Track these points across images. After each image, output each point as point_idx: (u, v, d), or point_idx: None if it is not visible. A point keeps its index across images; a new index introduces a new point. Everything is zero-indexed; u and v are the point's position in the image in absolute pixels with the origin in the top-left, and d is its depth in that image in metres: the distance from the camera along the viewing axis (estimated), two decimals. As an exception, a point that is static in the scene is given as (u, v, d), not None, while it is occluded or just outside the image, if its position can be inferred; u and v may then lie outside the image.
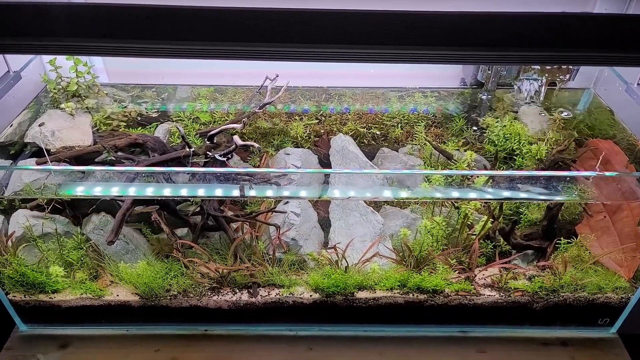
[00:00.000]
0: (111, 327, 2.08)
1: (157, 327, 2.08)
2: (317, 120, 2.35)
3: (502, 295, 1.96)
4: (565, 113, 2.28)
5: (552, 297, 1.90)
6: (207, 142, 1.95)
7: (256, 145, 1.74)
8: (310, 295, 1.94)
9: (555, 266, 1.94)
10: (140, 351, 2.02)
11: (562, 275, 1.92)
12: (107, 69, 2.56)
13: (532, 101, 2.34)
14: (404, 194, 1.80)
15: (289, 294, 1.97)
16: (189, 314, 2.02)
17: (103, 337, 2.07)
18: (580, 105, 2.40)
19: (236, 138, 1.77)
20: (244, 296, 1.99)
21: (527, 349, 2.03)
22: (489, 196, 1.89)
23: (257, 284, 1.98)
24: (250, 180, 1.84)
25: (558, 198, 1.85)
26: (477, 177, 1.87)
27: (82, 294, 1.97)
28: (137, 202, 1.88)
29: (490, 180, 1.86)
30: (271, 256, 1.97)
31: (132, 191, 1.76)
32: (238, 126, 1.85)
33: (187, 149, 1.91)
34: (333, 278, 1.93)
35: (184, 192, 1.77)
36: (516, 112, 2.36)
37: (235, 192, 1.81)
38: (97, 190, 1.85)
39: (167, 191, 1.79)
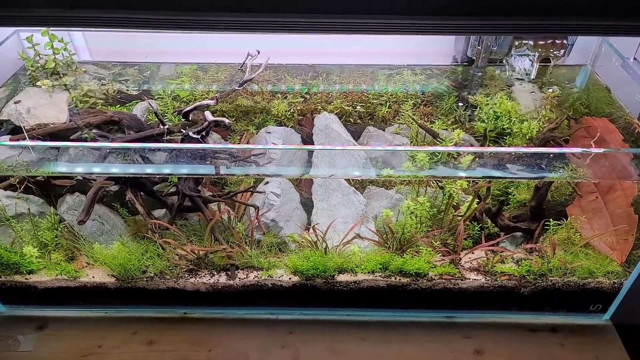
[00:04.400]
0: (89, 309, 2.05)
1: (136, 310, 2.04)
2: (303, 99, 2.27)
3: (488, 280, 1.89)
4: (551, 89, 2.18)
5: (540, 281, 1.82)
6: (183, 120, 1.89)
7: (227, 121, 1.67)
8: (290, 278, 1.88)
9: (543, 249, 1.86)
10: (118, 333, 1.98)
11: (550, 259, 1.85)
12: (89, 47, 2.50)
13: (524, 78, 2.24)
14: (385, 172, 1.73)
15: (268, 276, 1.92)
16: (167, 296, 1.97)
17: (81, 319, 2.04)
18: (577, 83, 2.30)
19: (207, 114, 1.71)
20: (222, 279, 1.94)
21: (515, 334, 1.97)
22: (474, 175, 1.81)
23: (235, 266, 1.93)
24: (227, 159, 1.78)
25: (545, 176, 1.76)
26: (464, 156, 1.79)
27: (57, 275, 1.93)
28: (111, 181, 1.83)
29: (477, 159, 1.78)
30: (250, 238, 1.91)
31: (104, 170, 1.71)
32: (211, 102, 1.78)
33: (162, 127, 1.85)
34: (312, 260, 1.87)
35: (156, 170, 1.72)
36: (509, 90, 2.26)
37: (211, 171, 1.75)
38: (69, 169, 1.80)
39: (139, 169, 1.73)
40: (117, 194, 1.94)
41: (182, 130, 1.84)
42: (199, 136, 1.80)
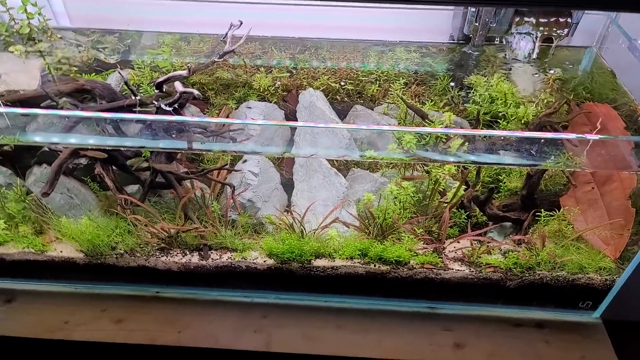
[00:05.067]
0: (58, 284, 1.99)
1: (106, 287, 1.98)
2: (289, 74, 2.16)
3: (472, 271, 1.79)
4: (552, 71, 2.05)
5: (527, 275, 1.72)
6: (156, 91, 1.78)
7: (196, 92, 1.57)
8: (264, 261, 1.79)
9: (532, 241, 1.75)
10: (86, 310, 1.92)
11: (539, 251, 1.74)
12: (68, 12, 2.39)
13: (524, 59, 2.10)
14: (368, 153, 1.62)
15: (242, 258, 1.83)
16: (138, 274, 1.90)
17: (50, 293, 1.98)
18: (582, 66, 2.16)
19: (177, 84, 1.60)
20: (195, 259, 1.86)
21: (498, 329, 1.88)
22: (463, 160, 1.70)
23: (208, 246, 1.84)
24: (201, 133, 1.68)
25: (538, 164, 1.65)
26: (453, 140, 1.67)
27: (24, 248, 1.86)
28: (78, 153, 1.74)
29: (467, 144, 1.66)
30: (225, 218, 1.83)
31: (63, 140, 1.62)
32: (184, 73, 1.67)
33: (133, 98, 1.75)
34: (287, 244, 1.78)
35: (119, 142, 1.62)
36: (508, 71, 2.13)
37: (182, 145, 1.66)
38: (33, 138, 1.71)
39: (100, 141, 1.64)
40: (89, 167, 1.86)
41: (154, 102, 1.73)
42: (170, 108, 1.70)
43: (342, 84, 2.09)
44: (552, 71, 2.04)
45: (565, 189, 1.84)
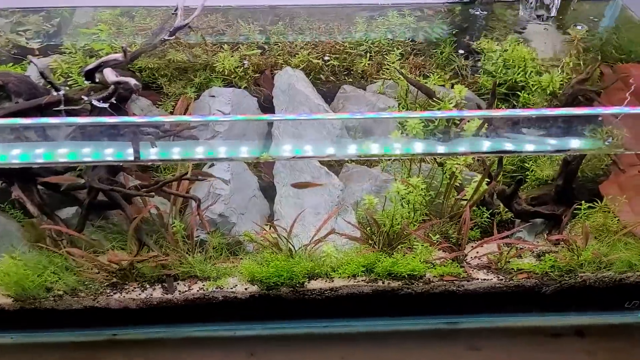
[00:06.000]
0: (-12, 335, 1.58)
1: (50, 335, 1.58)
2: (260, 51, 1.76)
3: (501, 279, 1.47)
4: (579, 26, 1.71)
5: (567, 279, 1.41)
6: (87, 82, 1.36)
7: (133, 81, 1.16)
8: (246, 289, 1.44)
9: (572, 239, 1.44)
10: (26, 365, 1.53)
11: (581, 251, 1.43)
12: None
13: (541, 17, 1.75)
14: (365, 149, 1.26)
15: (217, 287, 1.46)
16: (86, 317, 1.51)
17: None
18: (605, 21, 1.82)
19: (107, 73, 1.19)
20: (157, 292, 1.48)
21: (532, 342, 1.58)
22: (483, 148, 1.35)
23: (172, 276, 1.46)
24: (153, 134, 1.29)
25: (577, 147, 1.31)
26: (468, 121, 1.32)
27: None
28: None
29: (486, 126, 1.32)
30: (189, 241, 1.44)
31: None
32: (119, 57, 1.26)
33: (56, 93, 1.32)
34: (273, 265, 1.42)
35: (30, 158, 1.20)
36: (521, 32, 1.78)
37: (124, 156, 1.25)
38: None
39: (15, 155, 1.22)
40: (6, 191, 1.43)
41: (83, 97, 1.31)
42: (106, 104, 1.29)
43: (326, 59, 1.71)
44: (579, 27, 1.70)
45: (605, 175, 1.53)
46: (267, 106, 1.65)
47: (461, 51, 1.73)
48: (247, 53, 1.75)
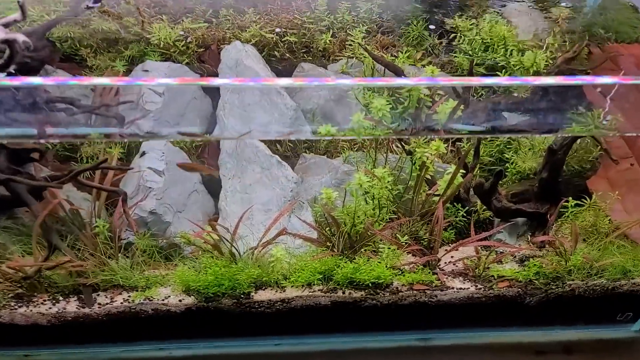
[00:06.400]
0: None
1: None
2: (207, 25, 1.54)
3: (480, 288, 1.28)
4: (564, 3, 1.55)
5: (554, 287, 1.23)
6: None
7: (21, 38, 0.92)
8: (181, 300, 1.20)
9: (559, 241, 1.25)
10: None
11: (570, 255, 1.24)
12: None
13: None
14: (324, 129, 1.04)
15: (145, 299, 1.22)
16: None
17: None
18: (590, 1, 1.66)
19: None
20: (72, 305, 1.23)
21: None
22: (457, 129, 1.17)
23: (90, 286, 1.21)
24: (66, 111, 1.07)
25: (561, 128, 1.13)
26: (441, 104, 1.13)
27: None
28: None
29: (462, 108, 1.13)
30: (113, 243, 1.20)
31: None
32: (17, 16, 1.01)
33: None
34: (213, 272, 1.18)
35: None
36: (500, 11, 1.60)
37: (28, 132, 1.01)
38: None
39: None
40: None
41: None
42: (2, 75, 1.04)
43: (278, 31, 1.48)
44: (563, 3, 1.53)
45: (591, 169, 1.35)
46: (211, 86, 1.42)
47: (433, 27, 1.53)
48: (190, 27, 1.51)
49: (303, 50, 1.53)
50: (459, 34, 1.54)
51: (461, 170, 1.29)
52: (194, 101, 1.37)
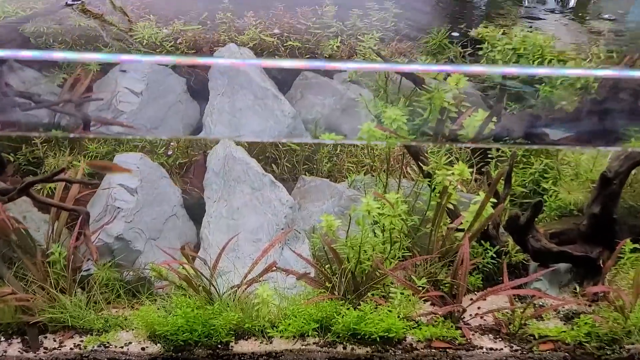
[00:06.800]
0: None
1: None
2: (201, 27, 1.40)
3: (516, 350, 1.06)
4: (607, 15, 1.37)
5: (609, 351, 0.99)
6: None
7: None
8: (144, 349, 0.99)
9: (617, 293, 1.01)
10: None
11: (629, 312, 1.00)
12: None
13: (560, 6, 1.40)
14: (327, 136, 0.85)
15: (100, 345, 1.00)
16: None
17: None
18: (633, 15, 1.48)
19: None
20: (14, 349, 1.02)
21: None
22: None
23: (37, 325, 1.00)
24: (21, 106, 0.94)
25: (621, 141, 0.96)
26: (469, 116, 0.93)
27: None
28: None
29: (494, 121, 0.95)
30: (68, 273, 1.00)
31: None
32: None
33: None
34: (183, 314, 0.96)
35: None
36: (532, 23, 1.42)
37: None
38: None
39: None
40: None
41: None
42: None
43: (277, 32, 1.31)
44: (606, 15, 1.34)
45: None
46: (198, 89, 1.27)
47: (456, 34, 1.35)
48: (183, 28, 1.34)
49: (307, 56, 1.35)
50: (486, 43, 1.35)
51: (492, 199, 1.07)
52: (178, 105, 1.20)
